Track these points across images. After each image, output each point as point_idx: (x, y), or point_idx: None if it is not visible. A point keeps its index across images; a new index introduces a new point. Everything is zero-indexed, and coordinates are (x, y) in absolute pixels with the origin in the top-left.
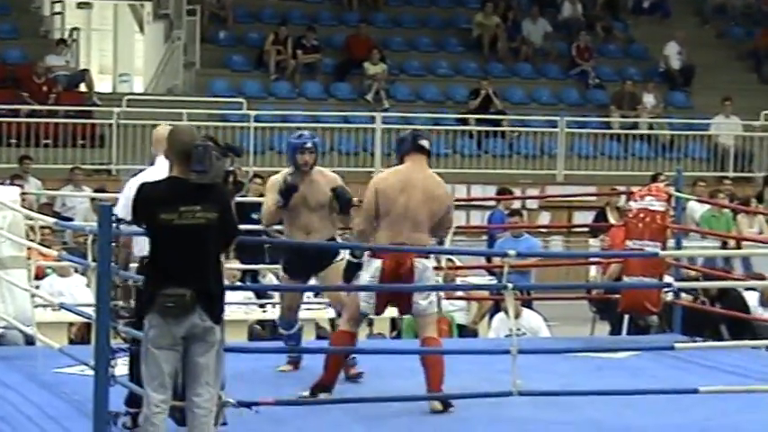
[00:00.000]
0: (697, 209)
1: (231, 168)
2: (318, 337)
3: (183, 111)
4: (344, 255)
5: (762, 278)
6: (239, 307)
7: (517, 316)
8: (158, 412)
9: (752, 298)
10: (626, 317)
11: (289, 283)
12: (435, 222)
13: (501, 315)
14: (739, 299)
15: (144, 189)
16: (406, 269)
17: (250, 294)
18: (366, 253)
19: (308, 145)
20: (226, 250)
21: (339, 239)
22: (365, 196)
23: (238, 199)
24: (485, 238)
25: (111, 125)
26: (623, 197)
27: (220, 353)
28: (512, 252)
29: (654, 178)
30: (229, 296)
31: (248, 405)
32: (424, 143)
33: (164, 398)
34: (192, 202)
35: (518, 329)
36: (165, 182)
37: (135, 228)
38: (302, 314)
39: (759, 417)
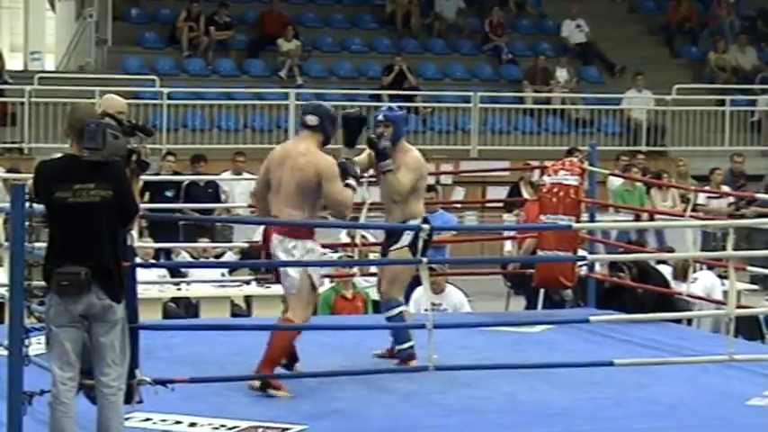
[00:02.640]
0: (617, 183)
1: (135, 147)
2: (233, 315)
3: (96, 88)
4: (404, 242)
5: (672, 251)
6: (153, 285)
7: (440, 292)
8: (66, 390)
9: (665, 272)
10: (541, 291)
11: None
12: (307, 198)
13: (421, 290)
14: (661, 280)
15: (41, 167)
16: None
17: (164, 272)
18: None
19: (380, 117)
20: (125, 228)
21: (413, 221)
22: None
23: (149, 177)
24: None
25: (22, 103)
26: (537, 172)
27: (125, 331)
28: (425, 227)
29: (569, 153)
30: (143, 274)
31: (163, 383)
32: (307, 119)
33: (71, 375)
34: (86, 179)
35: (440, 305)
36: (61, 160)
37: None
38: (217, 291)
39: (673, 390)
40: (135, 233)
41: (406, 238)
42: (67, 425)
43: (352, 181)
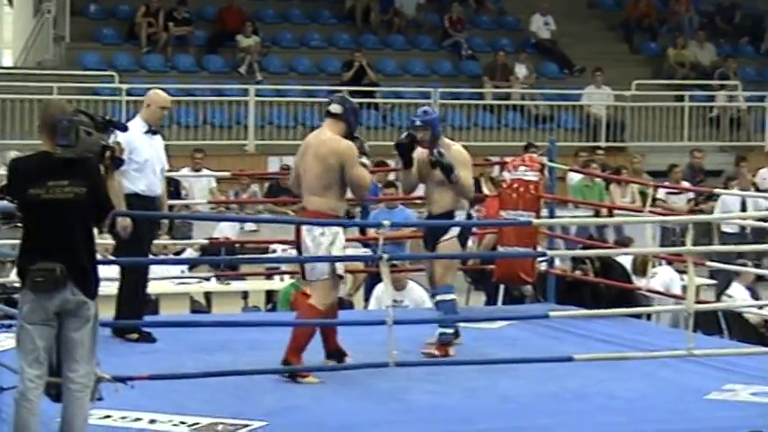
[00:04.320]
0: (576, 179)
1: (109, 143)
2: (193, 311)
3: (54, 85)
4: (453, 233)
5: (630, 241)
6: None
7: (402, 288)
8: (33, 387)
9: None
10: (501, 287)
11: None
12: (332, 185)
13: (382, 286)
14: (624, 273)
15: (14, 164)
16: (298, 234)
17: None
18: None
19: (417, 123)
20: (100, 225)
21: (459, 212)
22: None
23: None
24: (358, 209)
25: None
26: (497, 168)
27: (96, 328)
28: (386, 223)
29: (526, 148)
30: (103, 271)
31: (123, 380)
32: (331, 107)
33: (39, 373)
34: (60, 176)
35: (401, 302)
36: (35, 157)
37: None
38: (177, 288)
39: (632, 384)
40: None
41: (455, 228)
42: (32, 422)
43: (365, 160)
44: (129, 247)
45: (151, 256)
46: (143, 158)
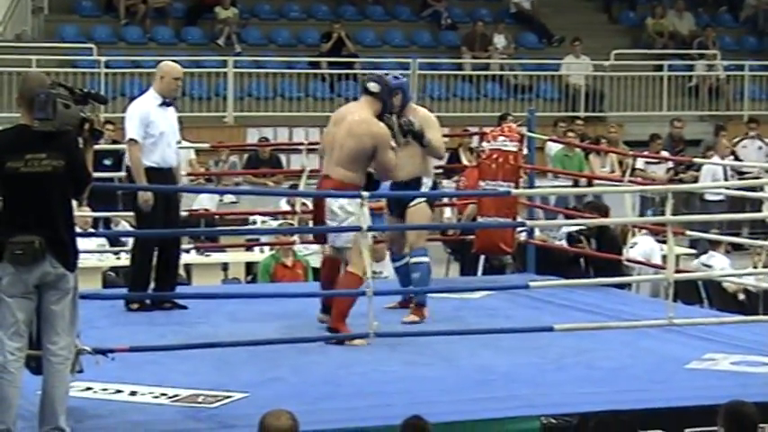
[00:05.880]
0: (555, 149)
1: (88, 116)
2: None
3: (32, 57)
4: (422, 197)
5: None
6: (93, 254)
7: (381, 260)
8: (14, 360)
9: None
10: (481, 257)
11: (390, 218)
12: (361, 161)
13: None
14: (615, 240)
15: None
16: (321, 204)
17: (103, 241)
18: None
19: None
20: (79, 197)
21: (426, 179)
22: None
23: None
24: None
25: None
26: (476, 138)
27: (75, 300)
28: (365, 194)
29: (503, 118)
30: (83, 243)
31: (104, 352)
32: (369, 85)
33: (19, 345)
34: (38, 149)
35: (380, 273)
36: (13, 130)
37: None
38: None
39: (613, 354)
40: (74, 203)
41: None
42: (12, 394)
43: (392, 143)
44: (147, 219)
45: (130, 228)
46: (158, 131)
